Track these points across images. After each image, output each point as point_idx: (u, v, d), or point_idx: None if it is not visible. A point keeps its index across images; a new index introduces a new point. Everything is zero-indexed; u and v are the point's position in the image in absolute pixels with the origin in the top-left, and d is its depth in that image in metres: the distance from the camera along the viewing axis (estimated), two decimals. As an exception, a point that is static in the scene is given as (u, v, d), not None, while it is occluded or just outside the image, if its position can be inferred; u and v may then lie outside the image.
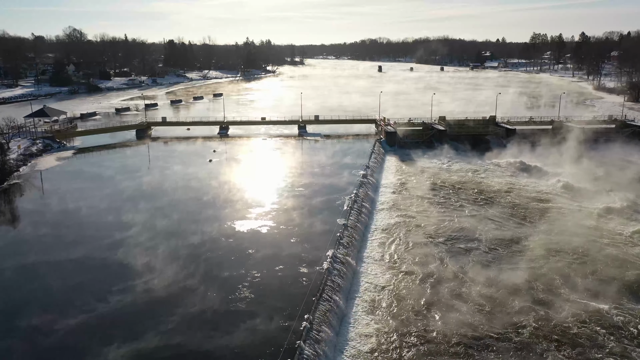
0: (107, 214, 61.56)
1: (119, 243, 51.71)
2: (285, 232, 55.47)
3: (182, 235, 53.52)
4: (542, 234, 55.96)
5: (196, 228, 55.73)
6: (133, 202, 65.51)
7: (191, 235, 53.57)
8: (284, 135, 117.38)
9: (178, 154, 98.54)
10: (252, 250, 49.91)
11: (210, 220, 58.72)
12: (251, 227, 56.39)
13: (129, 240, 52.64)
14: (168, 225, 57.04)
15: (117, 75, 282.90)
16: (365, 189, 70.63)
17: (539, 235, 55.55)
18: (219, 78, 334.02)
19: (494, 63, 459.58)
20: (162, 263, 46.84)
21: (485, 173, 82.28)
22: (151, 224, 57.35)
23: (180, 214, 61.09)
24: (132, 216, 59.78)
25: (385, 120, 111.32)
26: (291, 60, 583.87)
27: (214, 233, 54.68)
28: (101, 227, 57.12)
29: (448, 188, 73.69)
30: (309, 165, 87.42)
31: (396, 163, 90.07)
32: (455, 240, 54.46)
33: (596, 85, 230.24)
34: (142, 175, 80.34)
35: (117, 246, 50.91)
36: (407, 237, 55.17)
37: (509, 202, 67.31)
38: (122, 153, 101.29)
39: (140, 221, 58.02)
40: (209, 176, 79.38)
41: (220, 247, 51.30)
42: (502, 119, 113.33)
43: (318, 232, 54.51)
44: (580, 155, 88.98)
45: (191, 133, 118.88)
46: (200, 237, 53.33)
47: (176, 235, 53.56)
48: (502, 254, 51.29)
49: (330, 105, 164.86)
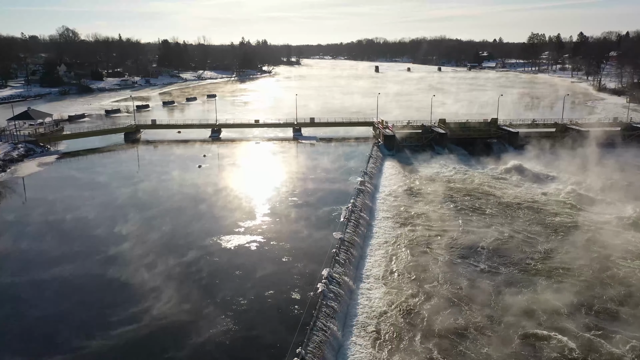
0: (92, 225, 57.39)
1: (103, 260, 47.67)
2: (277, 248, 51.05)
3: (162, 256, 48.73)
4: (569, 250, 51.36)
5: (179, 246, 51.02)
6: (116, 213, 61.26)
7: (171, 255, 48.53)
8: (278, 139, 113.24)
9: (167, 159, 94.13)
10: (239, 272, 45.39)
11: (195, 235, 54.03)
12: (239, 244, 51.91)
13: (111, 257, 48.51)
14: (151, 243, 52.61)
15: (110, 76, 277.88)
16: (363, 198, 66.60)
17: (566, 253, 50.76)
18: (214, 78, 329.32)
19: (492, 63, 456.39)
20: (140, 292, 42.45)
21: (489, 179, 78.22)
22: (134, 238, 53.14)
23: (163, 229, 56.02)
24: (113, 229, 55.63)
25: (384, 123, 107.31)
26: (287, 60, 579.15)
27: (197, 252, 49.67)
28: (87, 240, 53.04)
29: (451, 196, 69.61)
30: (303, 171, 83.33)
31: (395, 168, 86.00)
32: (463, 255, 50.37)
33: (597, 86, 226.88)
34: (128, 183, 75.89)
35: (101, 264, 46.82)
36: (409, 252, 51.15)
37: (521, 212, 63.03)
38: (109, 158, 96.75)
39: (121, 236, 53.88)
40: (197, 184, 74.81)
41: (202, 268, 46.34)
42: (504, 122, 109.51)
43: (312, 249, 50.26)
44: (587, 160, 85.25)
45: (182, 136, 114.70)
46: (178, 259, 47.76)
47: (157, 255, 48.93)
48: (519, 274, 47.22)
49: (332, 107, 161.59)
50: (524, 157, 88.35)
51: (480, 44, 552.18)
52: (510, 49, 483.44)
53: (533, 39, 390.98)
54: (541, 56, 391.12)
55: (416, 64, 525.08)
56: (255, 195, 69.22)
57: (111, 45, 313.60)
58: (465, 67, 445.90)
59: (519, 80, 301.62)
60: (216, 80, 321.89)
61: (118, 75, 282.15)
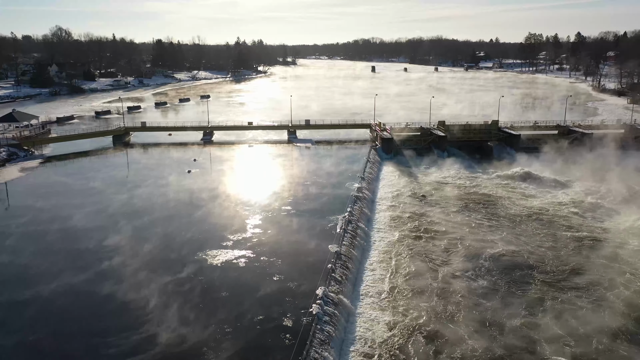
0: (77, 236, 53.78)
1: (91, 277, 44.06)
2: (268, 265, 47.04)
3: (135, 276, 44.68)
4: (595, 267, 47.43)
5: (159, 265, 46.70)
6: (103, 223, 57.49)
7: (147, 277, 44.19)
8: (272, 142, 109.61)
9: (157, 163, 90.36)
10: (225, 294, 41.36)
11: (178, 250, 49.79)
12: (227, 259, 47.86)
13: (99, 273, 44.87)
14: (126, 260, 48.87)
15: (103, 76, 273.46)
16: (361, 205, 63.13)
17: (593, 271, 46.53)
18: (209, 79, 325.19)
19: (489, 63, 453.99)
20: (128, 315, 38.91)
21: (494, 186, 74.58)
22: (123, 252, 49.50)
23: (143, 245, 51.33)
24: (100, 241, 52.03)
25: (381, 125, 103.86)
26: (283, 60, 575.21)
27: (179, 270, 45.34)
28: (72, 254, 49.19)
29: (454, 204, 66.18)
30: (298, 176, 79.69)
31: (393, 173, 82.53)
32: (468, 270, 46.91)
33: (596, 86, 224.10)
34: (115, 190, 71.71)
35: (88, 282, 43.19)
36: (410, 265, 47.67)
37: (533, 224, 59.25)
38: (96, 162, 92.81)
39: (109, 249, 50.27)
40: (185, 191, 70.77)
41: (184, 289, 41.72)
42: (505, 124, 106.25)
43: (306, 264, 46.56)
44: (594, 164, 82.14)
45: (173, 139, 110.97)
46: (158, 281, 42.92)
47: (131, 276, 44.98)
48: (540, 294, 43.81)
49: (333, 108, 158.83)
50: (528, 161, 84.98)
51: (477, 44, 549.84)
52: (507, 49, 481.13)
53: (530, 38, 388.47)
54: (538, 56, 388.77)
55: (413, 64, 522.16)
56: (245, 204, 65.10)
57: (104, 45, 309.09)
58: (462, 67, 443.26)
59: (519, 80, 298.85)
60: (211, 80, 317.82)
61: (111, 75, 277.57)
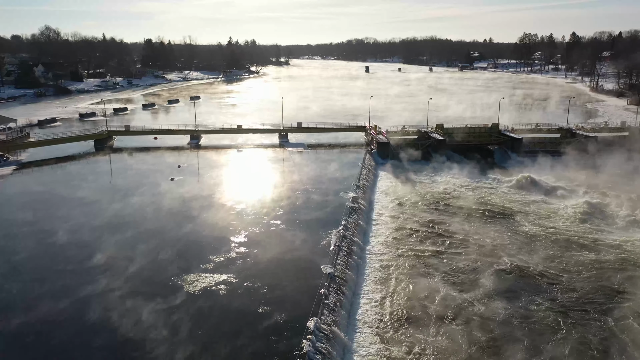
0: (49, 255, 49.07)
1: (70, 306, 39.12)
2: (253, 292, 41.54)
3: (121, 304, 40.14)
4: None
5: (143, 290, 41.64)
6: (77, 239, 52.61)
7: (132, 306, 39.31)
8: (262, 145, 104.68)
9: (140, 170, 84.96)
10: (200, 331, 35.92)
11: (160, 274, 44.57)
12: (205, 286, 42.28)
13: (79, 301, 39.89)
14: (110, 284, 43.94)
15: (91, 77, 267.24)
16: (356, 217, 58.38)
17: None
18: (200, 79, 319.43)
19: (483, 64, 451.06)
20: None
21: (498, 195, 69.70)
22: (99, 273, 44.55)
23: (105, 270, 45.72)
24: (75, 260, 47.09)
25: (377, 129, 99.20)
26: (276, 60, 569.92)
27: (162, 297, 39.99)
28: (45, 276, 44.38)
29: (457, 215, 61.44)
30: (289, 184, 74.71)
31: (390, 180, 77.81)
32: (473, 293, 42.33)
33: (593, 87, 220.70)
34: (91, 201, 66.34)
35: (68, 312, 38.22)
36: (410, 288, 43.00)
37: (545, 240, 54.96)
38: (74, 169, 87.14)
39: (83, 270, 45.25)
40: (166, 202, 65.25)
41: (147, 329, 35.84)
42: (506, 126, 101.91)
43: (296, 290, 41.61)
44: (601, 170, 78.03)
45: (159, 143, 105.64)
46: (118, 320, 37.02)
47: (116, 304, 40.30)
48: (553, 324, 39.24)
49: (334, 109, 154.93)
50: (533, 167, 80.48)
51: (471, 44, 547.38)
52: (501, 49, 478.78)
53: (525, 38, 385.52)
54: (533, 56, 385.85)
55: (407, 64, 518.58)
56: (231, 218, 59.67)
57: (93, 45, 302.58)
58: (457, 68, 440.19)
59: (517, 81, 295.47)
60: (202, 81, 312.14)
61: (99, 76, 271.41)
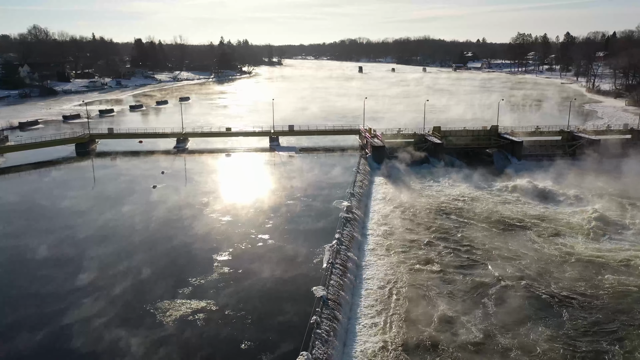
0: (22, 273, 44.90)
1: (49, 336, 34.50)
2: (234, 323, 36.74)
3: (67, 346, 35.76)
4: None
5: (84, 327, 36.56)
6: (52, 255, 48.33)
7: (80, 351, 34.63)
8: (252, 149, 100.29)
9: (121, 177, 79.80)
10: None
11: (120, 300, 39.73)
12: (181, 315, 37.48)
13: (58, 332, 35.41)
14: (91, 309, 39.34)
15: (79, 77, 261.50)
16: (351, 229, 54.24)
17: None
18: (191, 80, 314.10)
19: (477, 64, 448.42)
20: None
21: (502, 204, 65.37)
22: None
23: (84, 293, 41.60)
24: (50, 281, 42.57)
25: (372, 132, 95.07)
26: (269, 60, 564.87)
27: (114, 337, 35.04)
28: (20, 299, 40.17)
29: (459, 227, 57.37)
30: (278, 191, 70.20)
31: (387, 186, 73.71)
32: (477, 316, 38.31)
33: (590, 87, 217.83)
34: (67, 212, 61.64)
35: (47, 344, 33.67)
36: (412, 310, 38.96)
37: (554, 255, 51.28)
38: (51, 176, 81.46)
39: (50, 294, 40.78)
40: (145, 214, 60.26)
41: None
42: (505, 129, 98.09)
43: (285, 318, 37.21)
44: (607, 176, 74.55)
45: (144, 146, 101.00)
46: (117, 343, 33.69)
47: (95, 335, 35.96)
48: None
49: (333, 110, 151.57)
50: (535, 172, 76.80)
51: (464, 44, 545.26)
52: (495, 49, 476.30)
53: (519, 38, 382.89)
54: (527, 56, 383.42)
55: (400, 64, 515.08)
56: (214, 233, 54.65)
57: (81, 44, 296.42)
58: (450, 68, 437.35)
59: (515, 81, 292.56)
60: (193, 81, 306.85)
61: (88, 76, 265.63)
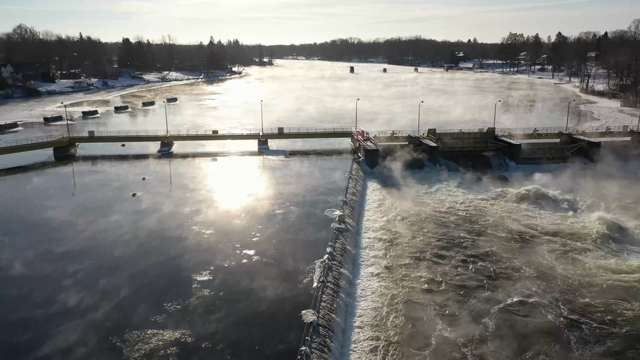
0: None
1: None
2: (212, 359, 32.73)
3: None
4: None
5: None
6: (18, 274, 43.94)
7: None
8: (240, 153, 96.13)
9: (100, 183, 74.78)
10: None
11: (84, 331, 35.55)
12: (151, 349, 33.10)
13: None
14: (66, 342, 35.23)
15: (65, 77, 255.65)
16: (343, 242, 50.47)
17: None
18: (180, 80, 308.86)
19: (469, 64, 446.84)
20: None
21: (505, 213, 61.48)
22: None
23: (52, 321, 38.02)
24: (21, 307, 38.28)
25: (364, 134, 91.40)
26: (259, 60, 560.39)
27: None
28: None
29: (459, 238, 53.72)
30: (266, 199, 65.98)
31: (381, 193, 69.98)
32: (491, 344, 34.68)
33: (583, 88, 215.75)
34: (39, 224, 57.36)
35: None
36: (410, 339, 35.24)
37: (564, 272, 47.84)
38: (25, 183, 76.53)
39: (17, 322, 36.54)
40: (122, 226, 55.60)
41: None
42: (502, 131, 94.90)
43: (270, 353, 33.03)
44: (609, 179, 71.57)
45: (127, 150, 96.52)
46: None
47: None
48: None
49: (329, 111, 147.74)
50: (535, 177, 73.55)
51: (456, 44, 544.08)
52: (486, 50, 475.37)
53: (510, 38, 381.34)
54: (519, 56, 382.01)
55: (391, 64, 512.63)
56: (195, 248, 50.00)
57: (66, 44, 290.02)
58: (442, 68, 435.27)
59: (509, 81, 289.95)
60: (181, 81, 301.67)
61: (74, 76, 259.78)
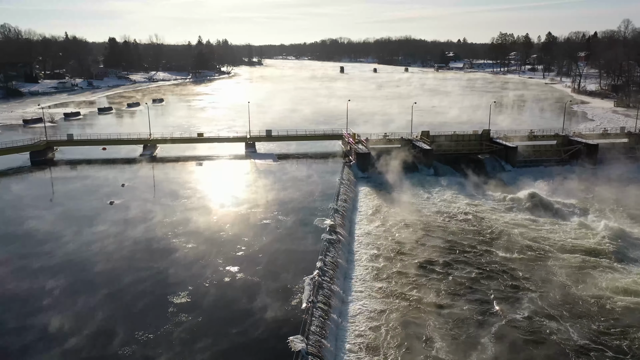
0: None
1: None
2: None
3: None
4: None
5: None
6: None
7: None
8: (227, 157, 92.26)
9: (77, 190, 70.73)
10: None
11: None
12: None
13: None
14: None
15: (49, 78, 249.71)
16: (335, 255, 46.95)
17: None
18: (167, 80, 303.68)
19: (459, 64, 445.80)
20: None
21: (505, 221, 58.36)
22: None
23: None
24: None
25: (356, 137, 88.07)
26: (249, 60, 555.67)
27: None
28: None
29: (457, 250, 50.46)
30: (252, 208, 61.90)
31: (373, 199, 66.65)
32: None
33: (575, 88, 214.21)
34: (11, 236, 53.63)
35: None
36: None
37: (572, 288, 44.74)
38: (1, 190, 73.26)
39: None
40: (91, 243, 50.83)
41: None
42: (498, 133, 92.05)
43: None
44: (610, 183, 68.97)
45: (108, 154, 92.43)
46: None
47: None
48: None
49: (325, 112, 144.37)
50: (533, 181, 70.80)
51: (446, 44, 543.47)
52: (476, 49, 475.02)
53: (500, 38, 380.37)
54: (509, 56, 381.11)
55: (381, 64, 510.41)
56: (174, 264, 46.13)
57: (50, 43, 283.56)
58: (432, 68, 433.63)
59: (502, 80, 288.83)
60: (169, 82, 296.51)
61: (58, 77, 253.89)
